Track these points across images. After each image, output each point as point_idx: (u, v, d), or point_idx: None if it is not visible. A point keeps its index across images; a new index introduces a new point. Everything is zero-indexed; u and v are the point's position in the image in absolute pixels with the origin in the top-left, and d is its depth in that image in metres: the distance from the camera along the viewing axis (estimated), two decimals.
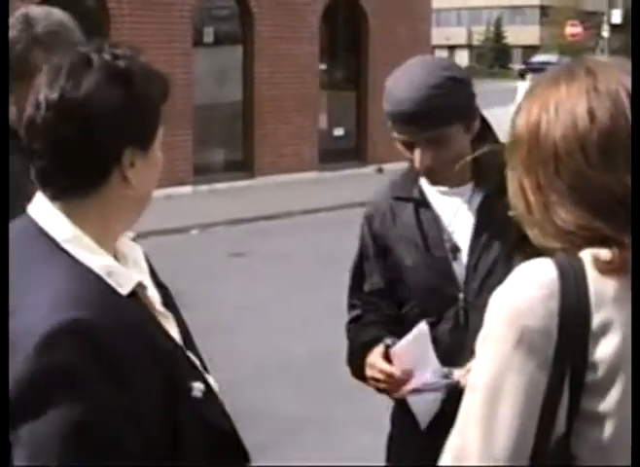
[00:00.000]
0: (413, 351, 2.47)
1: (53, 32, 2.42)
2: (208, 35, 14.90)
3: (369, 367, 2.54)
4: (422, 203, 2.62)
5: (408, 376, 2.45)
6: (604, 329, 1.52)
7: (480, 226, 2.57)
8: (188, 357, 1.73)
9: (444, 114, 2.42)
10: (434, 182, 2.58)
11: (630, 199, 1.52)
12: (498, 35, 67.70)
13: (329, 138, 16.05)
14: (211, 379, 1.80)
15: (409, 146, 2.47)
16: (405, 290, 2.65)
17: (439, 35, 21.66)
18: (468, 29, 72.24)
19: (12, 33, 2.40)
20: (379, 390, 2.55)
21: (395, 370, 2.45)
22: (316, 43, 15.13)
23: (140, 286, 1.66)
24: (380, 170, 16.28)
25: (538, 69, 50.88)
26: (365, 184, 15.05)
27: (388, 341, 2.52)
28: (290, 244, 10.92)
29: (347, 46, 16.82)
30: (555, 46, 59.45)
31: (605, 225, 1.53)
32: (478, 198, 2.57)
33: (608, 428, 1.53)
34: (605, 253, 1.53)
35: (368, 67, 16.59)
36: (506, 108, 2.46)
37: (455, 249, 2.59)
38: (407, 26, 16.75)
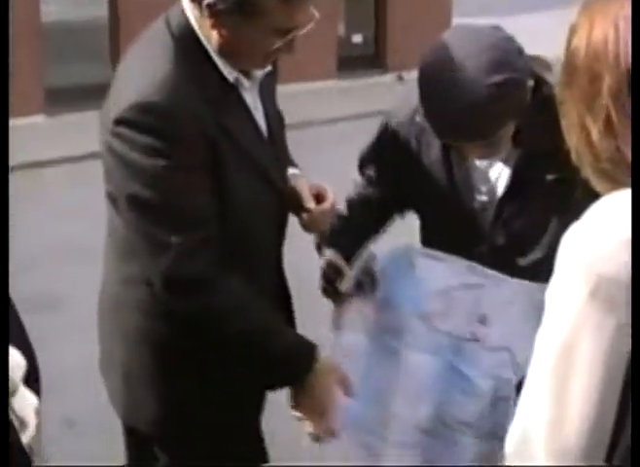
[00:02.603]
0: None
1: None
2: None
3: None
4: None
5: None
6: None
7: (516, 181, 2.36)
8: None
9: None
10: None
11: None
12: None
13: (347, 45, 15.75)
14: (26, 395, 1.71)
15: None
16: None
17: None
18: None
19: None
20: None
21: None
22: None
23: None
24: (401, 78, 15.97)
25: None
26: (385, 92, 15.03)
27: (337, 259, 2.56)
28: (310, 157, 10.78)
29: None
30: None
31: None
32: (515, 155, 2.35)
33: None
34: None
35: None
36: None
37: (485, 201, 2.41)
38: None
